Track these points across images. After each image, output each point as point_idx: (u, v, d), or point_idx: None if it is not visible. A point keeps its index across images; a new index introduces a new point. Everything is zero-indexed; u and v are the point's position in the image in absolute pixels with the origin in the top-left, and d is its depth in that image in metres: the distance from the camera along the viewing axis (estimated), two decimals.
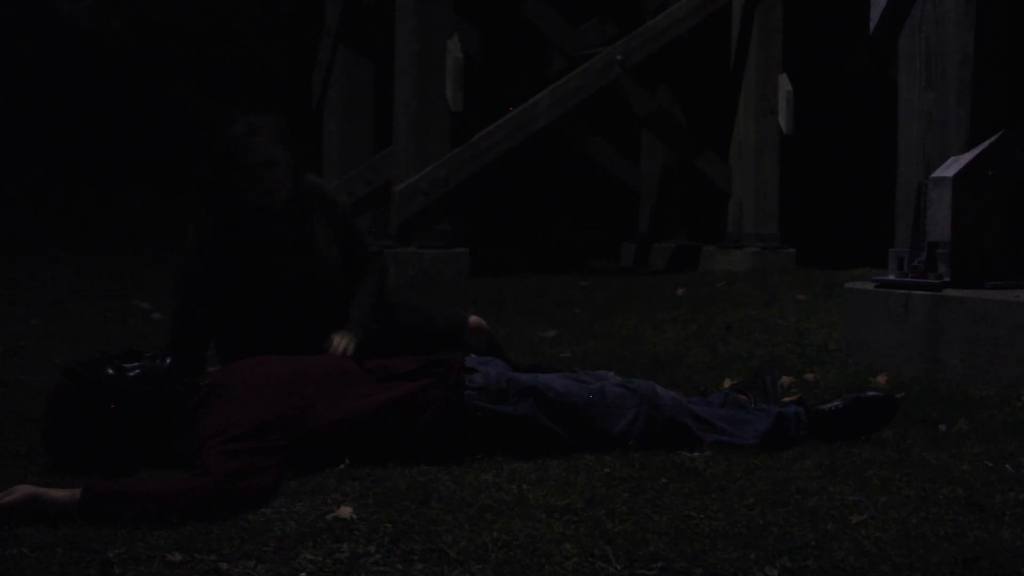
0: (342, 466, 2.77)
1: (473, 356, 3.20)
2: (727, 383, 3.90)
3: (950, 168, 4.24)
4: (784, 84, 8.95)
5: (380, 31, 9.22)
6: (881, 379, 4.09)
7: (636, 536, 2.28)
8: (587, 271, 8.92)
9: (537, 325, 5.64)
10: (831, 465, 2.86)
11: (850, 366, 4.38)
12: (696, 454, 2.95)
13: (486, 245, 9.70)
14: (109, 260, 8.77)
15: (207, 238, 3.44)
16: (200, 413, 2.80)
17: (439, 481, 2.68)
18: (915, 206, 4.40)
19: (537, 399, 2.94)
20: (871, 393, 3.20)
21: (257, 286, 3.44)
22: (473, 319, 3.76)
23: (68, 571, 2.10)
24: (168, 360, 2.95)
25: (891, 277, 4.44)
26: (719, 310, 5.99)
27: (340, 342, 3.38)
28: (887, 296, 4.38)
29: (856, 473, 2.80)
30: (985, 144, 4.25)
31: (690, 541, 2.25)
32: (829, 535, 2.30)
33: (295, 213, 3.47)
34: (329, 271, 3.53)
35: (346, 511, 2.40)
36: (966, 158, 4.24)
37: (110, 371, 2.85)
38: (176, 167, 10.10)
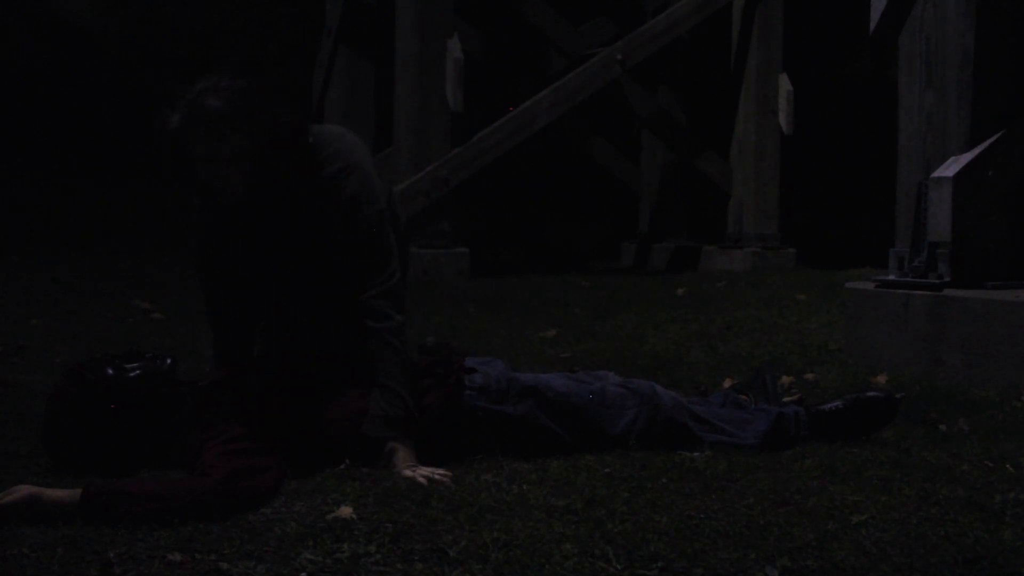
0: (342, 466, 2.77)
1: (473, 356, 3.20)
2: (727, 383, 3.90)
3: (950, 168, 4.23)
4: (784, 84, 8.95)
5: (380, 31, 9.22)
6: (881, 379, 4.09)
7: (636, 536, 2.28)
8: (587, 271, 8.92)
9: (537, 325, 5.64)
10: (831, 465, 2.86)
11: (850, 366, 4.38)
12: (696, 454, 2.95)
13: (486, 245, 9.70)
14: (109, 260, 8.77)
15: (197, 225, 3.08)
16: (200, 413, 2.80)
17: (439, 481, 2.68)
18: (915, 206, 4.40)
19: (537, 399, 2.94)
20: (871, 393, 3.20)
21: (245, 279, 3.08)
22: None
23: (68, 571, 2.10)
24: (168, 360, 2.94)
25: (891, 277, 4.44)
26: (719, 310, 5.99)
27: (413, 474, 2.72)
28: (887, 296, 4.38)
29: (856, 473, 2.79)
30: (985, 144, 4.25)
31: (690, 541, 2.25)
32: (829, 535, 2.30)
33: (274, 205, 2.95)
34: (323, 272, 3.02)
35: (346, 511, 2.40)
36: (966, 158, 4.24)
37: (110, 371, 2.84)
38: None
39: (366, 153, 3.08)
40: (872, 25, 4.70)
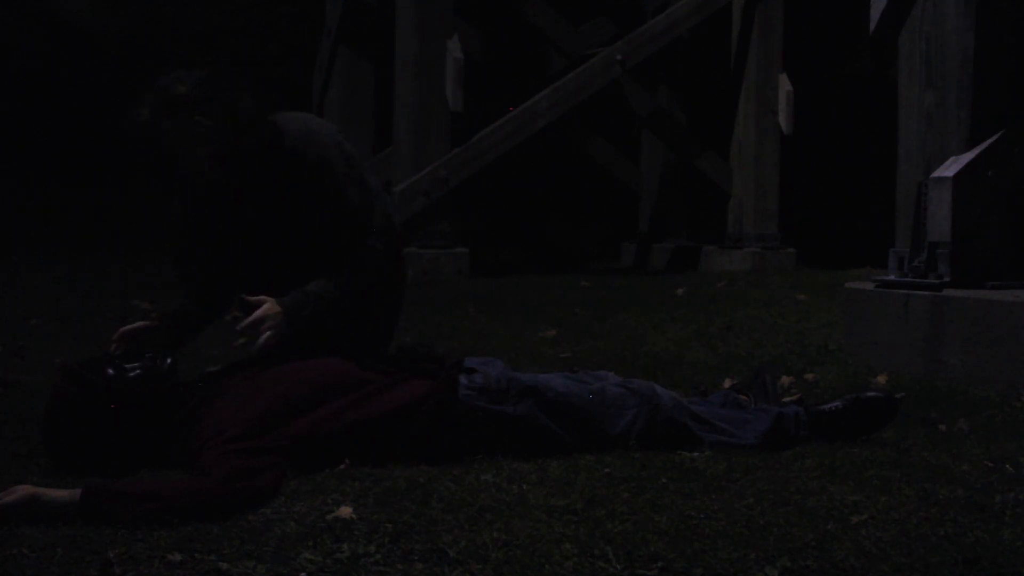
0: (342, 466, 2.78)
1: (473, 356, 3.20)
2: (727, 383, 3.90)
3: (950, 168, 4.23)
4: (784, 84, 8.96)
5: (380, 31, 9.22)
6: (881, 379, 4.09)
7: (636, 536, 2.28)
8: (587, 271, 8.92)
9: (537, 325, 5.64)
10: (831, 465, 2.86)
11: (850, 366, 4.38)
12: (696, 454, 2.95)
13: (486, 245, 9.71)
14: (109, 260, 8.77)
15: (174, 217, 3.26)
16: (200, 413, 2.80)
17: (439, 481, 2.68)
18: (915, 206, 4.40)
19: (537, 399, 2.94)
20: (871, 394, 3.20)
21: (220, 254, 3.22)
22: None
23: (68, 571, 2.10)
24: (168, 360, 2.94)
25: (891, 277, 4.44)
26: (719, 310, 5.99)
27: (261, 327, 2.96)
28: (887, 296, 4.38)
29: (856, 473, 2.79)
30: (985, 144, 4.25)
31: (690, 541, 2.25)
32: (829, 535, 2.30)
33: (243, 184, 3.08)
34: (297, 247, 3.14)
35: (346, 511, 2.40)
36: (966, 158, 4.24)
37: (110, 371, 2.85)
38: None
39: (328, 130, 3.19)
40: (872, 25, 4.70)
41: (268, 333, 2.96)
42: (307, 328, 3.04)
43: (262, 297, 3.00)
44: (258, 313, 2.96)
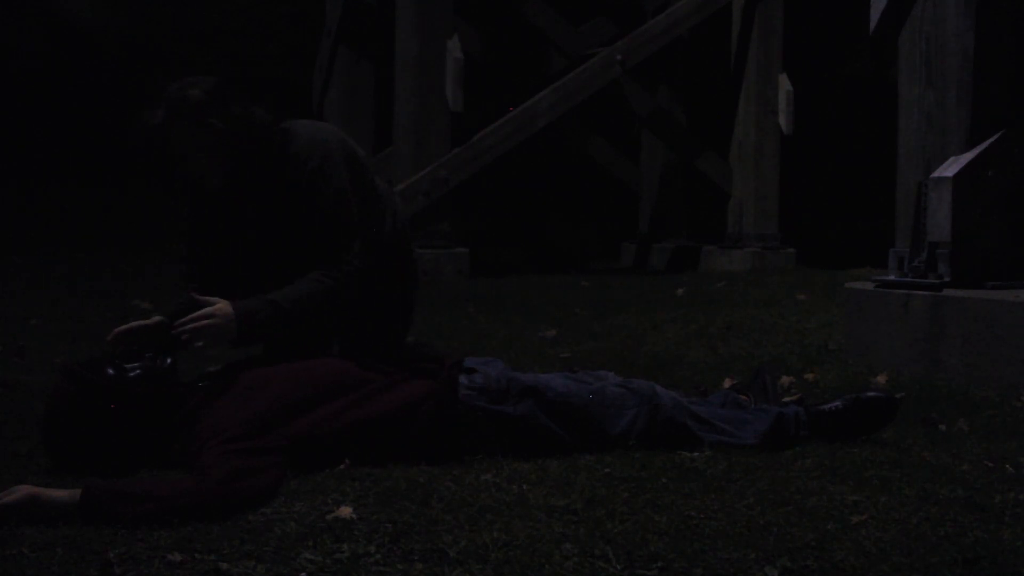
0: (342, 466, 2.78)
1: (473, 356, 3.20)
2: (727, 383, 3.90)
3: (950, 168, 4.24)
4: (784, 84, 8.96)
5: (380, 31, 9.22)
6: (881, 379, 4.09)
7: (636, 536, 2.28)
8: (587, 271, 8.93)
9: (537, 325, 5.64)
10: (831, 465, 2.86)
11: (850, 366, 4.38)
12: (696, 454, 2.95)
13: (486, 245, 9.71)
14: (109, 260, 8.77)
15: (186, 215, 3.32)
16: (200, 413, 2.80)
17: (439, 481, 2.68)
18: (915, 206, 4.40)
19: (537, 399, 2.94)
20: (871, 394, 3.20)
21: (220, 257, 3.28)
22: None
23: (68, 571, 2.10)
24: (168, 360, 2.94)
25: (891, 277, 4.44)
26: (719, 310, 5.99)
27: (198, 323, 2.95)
28: (887, 296, 4.38)
29: (856, 473, 2.80)
30: (985, 144, 4.25)
31: (690, 541, 2.25)
32: (829, 535, 2.30)
33: (249, 187, 3.15)
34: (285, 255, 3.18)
35: (346, 511, 2.40)
36: (966, 158, 4.24)
37: (110, 371, 2.85)
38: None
39: (336, 139, 3.22)
40: (872, 25, 4.70)
41: (208, 332, 2.94)
42: (258, 334, 3.06)
43: (214, 298, 3.01)
44: (200, 312, 2.97)
